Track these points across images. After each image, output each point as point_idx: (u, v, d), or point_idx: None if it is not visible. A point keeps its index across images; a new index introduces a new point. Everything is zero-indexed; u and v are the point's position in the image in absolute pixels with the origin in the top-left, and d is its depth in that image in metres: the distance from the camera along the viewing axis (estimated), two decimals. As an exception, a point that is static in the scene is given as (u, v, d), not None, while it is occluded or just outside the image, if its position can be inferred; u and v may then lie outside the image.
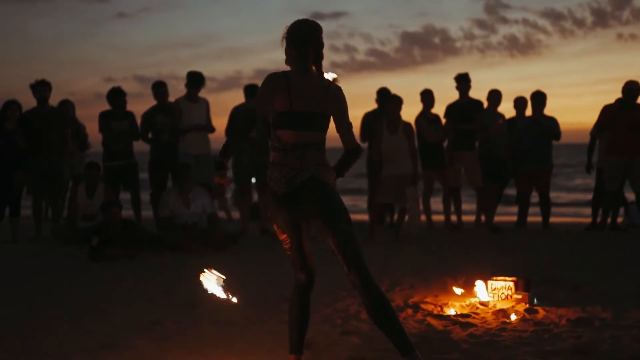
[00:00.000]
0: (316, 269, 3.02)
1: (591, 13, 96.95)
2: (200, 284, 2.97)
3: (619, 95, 7.59)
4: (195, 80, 7.33)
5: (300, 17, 3.05)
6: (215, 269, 2.99)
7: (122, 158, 7.47)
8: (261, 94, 2.89)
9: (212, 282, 2.93)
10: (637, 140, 7.57)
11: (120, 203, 6.59)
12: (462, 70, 7.83)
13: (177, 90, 7.80)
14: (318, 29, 2.94)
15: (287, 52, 2.93)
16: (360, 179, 26.34)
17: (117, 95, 7.45)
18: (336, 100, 2.95)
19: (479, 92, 7.85)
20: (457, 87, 7.78)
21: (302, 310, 3.00)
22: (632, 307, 4.11)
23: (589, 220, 8.33)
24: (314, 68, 2.95)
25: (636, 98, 7.56)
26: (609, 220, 7.86)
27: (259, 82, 7.84)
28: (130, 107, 7.67)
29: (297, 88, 2.88)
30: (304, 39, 2.90)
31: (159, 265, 5.81)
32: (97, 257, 5.99)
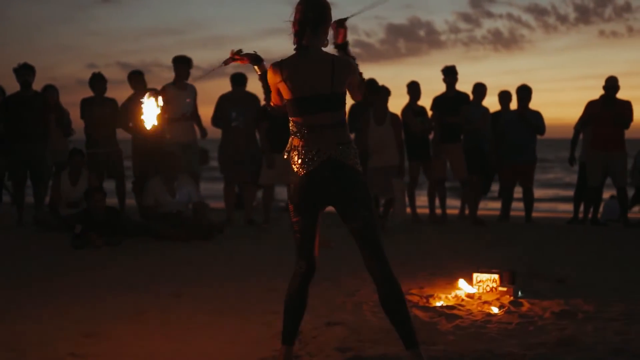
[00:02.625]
0: (318, 262, 2.97)
1: (574, 9, 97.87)
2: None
3: (601, 90, 7.67)
4: (183, 60, 7.21)
5: (287, 6, 3.02)
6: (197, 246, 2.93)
7: (106, 145, 7.38)
8: (265, 92, 2.95)
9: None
10: (620, 135, 7.67)
11: (104, 190, 6.52)
12: (446, 63, 7.84)
13: (161, 78, 7.65)
14: (318, 4, 2.85)
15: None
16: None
17: (97, 81, 7.35)
18: (345, 74, 2.84)
19: (462, 85, 7.91)
20: (444, 80, 7.79)
21: (300, 300, 2.95)
22: (614, 300, 4.16)
23: (566, 214, 8.43)
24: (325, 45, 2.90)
25: (616, 94, 7.65)
26: (590, 214, 7.97)
27: (243, 71, 7.83)
28: (113, 94, 7.58)
29: (295, 73, 2.84)
30: (300, 18, 2.85)
31: (143, 254, 5.77)
32: (80, 244, 5.93)
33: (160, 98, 3.04)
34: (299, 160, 2.85)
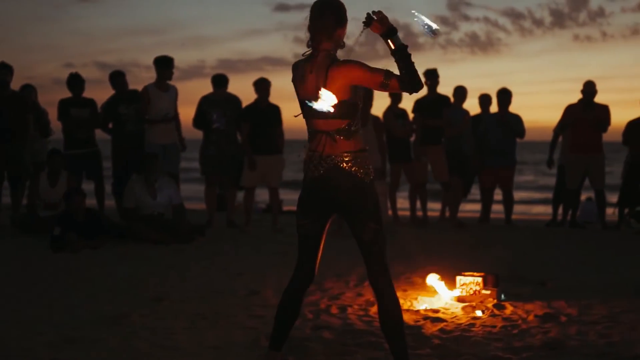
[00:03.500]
0: (317, 270, 2.90)
1: (550, 14, 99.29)
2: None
3: (575, 93, 7.81)
4: (165, 62, 7.13)
5: (266, 7, 2.94)
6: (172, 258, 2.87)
7: (85, 146, 7.27)
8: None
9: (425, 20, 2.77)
10: (598, 139, 7.79)
11: (84, 192, 6.43)
12: (424, 66, 7.89)
13: (139, 78, 7.55)
14: (324, 7, 2.76)
15: None
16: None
17: (75, 81, 7.24)
18: (340, 79, 2.69)
19: (440, 87, 7.90)
20: (426, 83, 7.82)
21: (294, 307, 2.90)
22: (595, 302, 4.21)
23: (541, 217, 8.53)
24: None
25: (594, 98, 7.77)
26: (569, 216, 8.07)
27: (222, 72, 7.77)
28: (90, 94, 7.45)
29: (302, 76, 2.80)
30: (310, 21, 2.78)
31: (123, 257, 5.69)
32: (59, 247, 5.83)
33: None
34: (309, 163, 2.81)
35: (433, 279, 4.41)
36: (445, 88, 7.83)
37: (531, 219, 10.56)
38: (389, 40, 2.72)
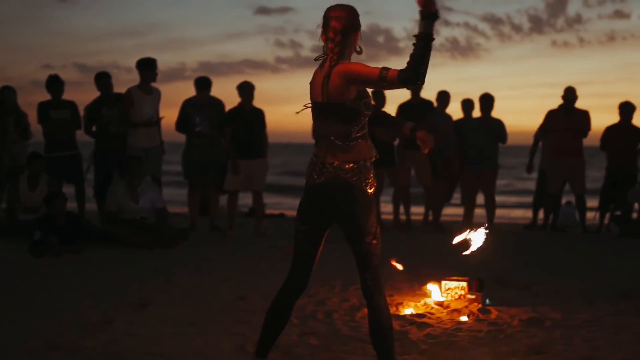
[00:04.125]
0: (310, 278, 2.88)
1: (528, 19, 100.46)
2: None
3: (554, 98, 7.93)
4: (148, 63, 7.06)
5: (247, 10, 2.90)
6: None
7: (65, 149, 7.18)
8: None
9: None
10: (578, 144, 7.89)
11: (64, 195, 6.34)
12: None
13: (119, 81, 7.47)
14: (331, 13, 2.69)
15: None
16: (297, 177, 26.46)
17: (54, 84, 7.15)
18: (340, 82, 2.62)
19: (421, 92, 7.93)
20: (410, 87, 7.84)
21: (284, 315, 2.87)
22: (579, 306, 4.26)
23: (519, 221, 8.61)
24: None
25: (575, 103, 7.88)
26: (550, 221, 8.17)
27: (203, 74, 7.71)
28: (70, 95, 7.40)
29: (313, 78, 2.77)
30: (322, 28, 2.73)
31: (105, 261, 5.62)
32: (39, 252, 5.74)
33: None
34: (309, 170, 2.78)
35: (423, 283, 4.43)
36: (426, 92, 7.91)
37: (509, 223, 10.63)
38: (423, 23, 2.55)
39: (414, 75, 2.54)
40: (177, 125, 7.33)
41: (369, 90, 2.77)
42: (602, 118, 7.52)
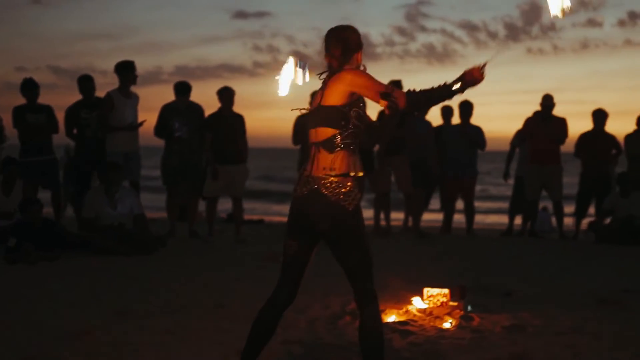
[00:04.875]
0: (298, 290, 2.86)
1: (504, 27, 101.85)
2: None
3: (528, 105, 8.06)
4: (128, 66, 6.97)
5: (225, 14, 2.94)
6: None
7: (41, 153, 7.05)
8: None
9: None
10: (556, 150, 7.98)
11: (40, 201, 6.22)
12: (382, 75, 7.93)
13: (95, 84, 7.38)
14: (333, 34, 2.80)
15: None
16: (282, 183, 26.32)
17: (29, 87, 7.03)
18: (342, 82, 2.69)
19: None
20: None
21: (271, 326, 2.83)
22: (560, 313, 4.28)
23: (497, 227, 8.67)
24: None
25: (552, 110, 7.97)
26: (528, 227, 8.24)
27: (180, 79, 7.63)
28: (43, 98, 7.22)
29: (315, 94, 2.86)
30: (325, 50, 2.83)
31: (83, 269, 5.51)
32: (14, 259, 5.61)
33: (306, 67, 2.82)
34: (297, 181, 2.77)
35: (405, 290, 4.42)
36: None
37: (486, 229, 10.72)
38: (460, 85, 2.75)
39: (419, 109, 2.76)
40: (156, 130, 7.24)
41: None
42: (576, 125, 7.71)
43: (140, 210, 6.53)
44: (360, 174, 2.74)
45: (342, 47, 2.74)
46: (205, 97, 7.33)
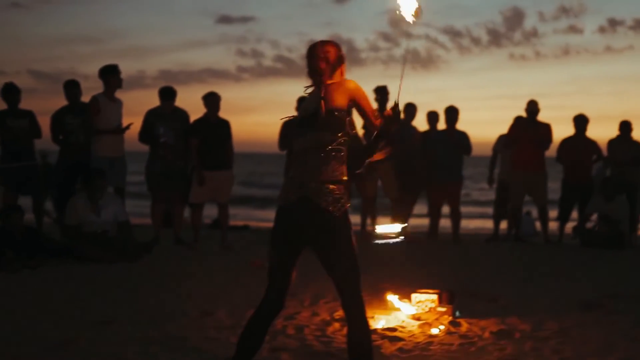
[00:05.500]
0: (286, 298, 2.84)
1: (487, 33, 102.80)
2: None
3: (511, 110, 8.13)
4: (112, 70, 6.91)
5: (209, 19, 2.94)
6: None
7: (22, 159, 6.95)
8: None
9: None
10: (540, 156, 8.03)
11: (21, 208, 6.12)
12: (366, 80, 7.96)
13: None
14: (317, 50, 2.82)
15: None
16: (267, 189, 26.25)
17: (9, 92, 6.93)
18: (344, 91, 2.75)
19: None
20: (376, 99, 7.88)
21: (261, 333, 2.81)
22: (547, 317, 4.29)
23: (482, 232, 8.70)
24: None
25: (536, 116, 8.03)
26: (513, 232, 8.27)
27: (164, 83, 7.58)
28: (24, 103, 7.12)
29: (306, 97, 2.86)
30: (307, 67, 2.86)
31: (66, 277, 5.42)
32: (-5, 267, 5.51)
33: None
34: (284, 190, 2.74)
35: (393, 298, 4.40)
36: (389, 104, 7.97)
37: (470, 234, 10.75)
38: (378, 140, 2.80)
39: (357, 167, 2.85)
40: (141, 136, 7.17)
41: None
42: (557, 130, 7.83)
43: (124, 217, 6.45)
44: (345, 178, 2.77)
45: (326, 62, 2.78)
46: (189, 102, 7.28)
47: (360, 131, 7.03)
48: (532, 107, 8.01)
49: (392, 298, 4.45)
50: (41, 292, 4.89)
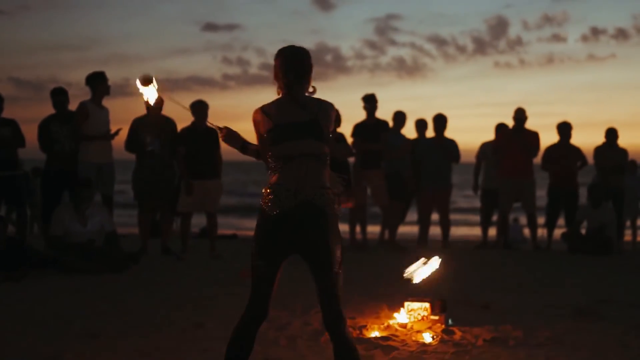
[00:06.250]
0: (271, 305, 2.82)
1: (472, 41, 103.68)
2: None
3: (497, 118, 8.18)
4: (100, 77, 6.85)
5: (194, 26, 2.91)
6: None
7: (4, 169, 6.84)
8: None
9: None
10: (528, 163, 8.07)
11: (4, 218, 6.01)
12: (352, 88, 7.99)
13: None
14: (298, 57, 2.83)
15: None
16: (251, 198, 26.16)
17: None
18: (328, 112, 2.82)
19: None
20: (365, 107, 7.88)
21: (247, 343, 2.77)
22: (539, 324, 4.28)
23: (469, 239, 8.71)
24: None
25: (524, 124, 8.08)
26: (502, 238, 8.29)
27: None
28: (4, 111, 7.01)
29: (280, 108, 2.82)
30: (283, 71, 2.83)
31: (51, 289, 5.32)
32: (-22, 280, 5.40)
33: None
34: (272, 199, 2.69)
35: (385, 304, 4.36)
36: (377, 112, 7.97)
37: (458, 241, 10.77)
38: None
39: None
40: (127, 145, 7.10)
41: None
42: (542, 137, 7.95)
43: (111, 228, 6.36)
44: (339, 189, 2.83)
45: (306, 70, 2.80)
46: (175, 110, 7.21)
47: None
48: (520, 115, 8.06)
49: (384, 306, 4.41)
50: (26, 304, 4.78)
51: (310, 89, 2.83)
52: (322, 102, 2.81)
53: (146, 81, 2.91)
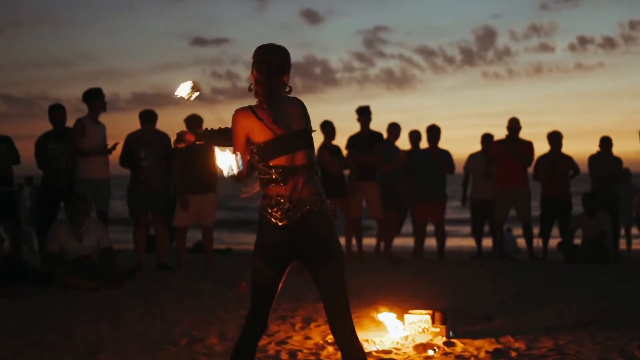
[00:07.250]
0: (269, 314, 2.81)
1: (460, 52, 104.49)
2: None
3: (486, 128, 8.23)
4: (96, 93, 6.84)
5: (183, 41, 2.90)
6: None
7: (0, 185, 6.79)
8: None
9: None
10: (523, 172, 8.09)
11: (0, 236, 5.94)
12: (341, 101, 8.01)
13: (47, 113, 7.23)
14: (277, 54, 2.81)
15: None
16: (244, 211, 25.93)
17: None
18: (297, 107, 2.81)
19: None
20: (359, 119, 7.89)
21: (249, 356, 2.75)
22: (540, 335, 4.26)
23: (464, 249, 8.70)
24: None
25: (518, 133, 8.11)
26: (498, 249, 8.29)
27: (138, 106, 7.54)
28: (-6, 128, 7.02)
29: (270, 114, 2.77)
30: (262, 67, 2.80)
31: (48, 306, 5.25)
32: (-28, 298, 5.32)
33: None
34: (277, 209, 2.68)
35: (385, 316, 4.33)
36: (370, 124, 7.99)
37: (453, 252, 10.76)
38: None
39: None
40: (121, 160, 7.06)
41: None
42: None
43: (107, 244, 6.29)
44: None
45: (285, 67, 2.76)
46: (164, 124, 7.19)
47: None
48: (514, 124, 8.10)
49: (385, 319, 4.39)
50: (21, 322, 4.71)
51: (287, 89, 2.79)
52: (299, 102, 2.78)
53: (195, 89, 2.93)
